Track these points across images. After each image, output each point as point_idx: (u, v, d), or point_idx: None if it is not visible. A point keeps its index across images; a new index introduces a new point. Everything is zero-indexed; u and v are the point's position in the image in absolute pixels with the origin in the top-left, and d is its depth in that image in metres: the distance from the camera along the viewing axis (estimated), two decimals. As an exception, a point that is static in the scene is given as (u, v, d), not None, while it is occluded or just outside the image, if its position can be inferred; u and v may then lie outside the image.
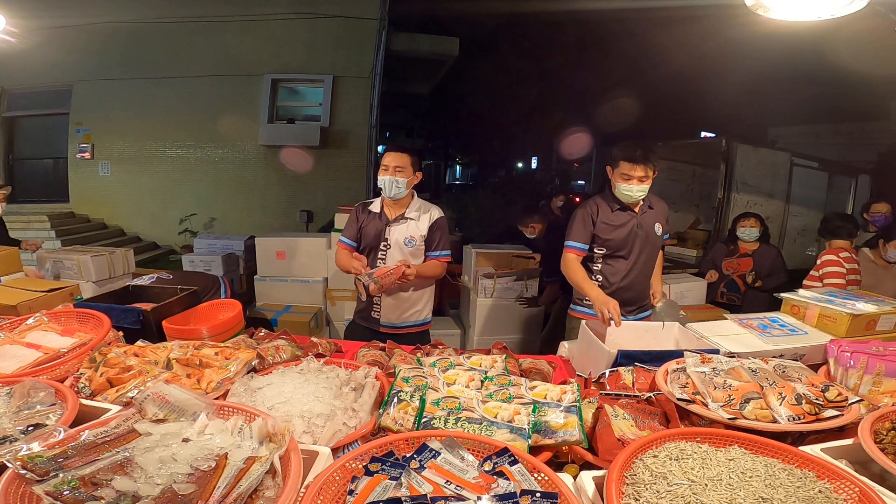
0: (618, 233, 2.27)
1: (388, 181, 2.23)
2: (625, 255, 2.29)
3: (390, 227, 2.31)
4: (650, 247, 2.32)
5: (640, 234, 2.28)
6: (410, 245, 2.31)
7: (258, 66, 7.79)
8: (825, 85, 7.37)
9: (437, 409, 1.13)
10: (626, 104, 10.04)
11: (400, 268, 2.14)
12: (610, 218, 2.28)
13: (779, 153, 6.38)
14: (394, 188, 2.23)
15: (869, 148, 7.78)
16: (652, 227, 2.31)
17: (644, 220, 2.29)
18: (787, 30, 2.22)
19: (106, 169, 8.13)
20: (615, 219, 2.28)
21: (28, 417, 1.03)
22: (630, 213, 2.29)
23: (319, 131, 7.67)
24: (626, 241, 2.27)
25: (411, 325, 2.41)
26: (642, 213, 2.30)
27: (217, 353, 1.44)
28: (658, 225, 2.32)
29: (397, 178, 2.23)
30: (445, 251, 2.36)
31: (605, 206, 2.30)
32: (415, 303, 2.40)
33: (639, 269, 2.32)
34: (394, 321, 2.37)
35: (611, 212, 2.29)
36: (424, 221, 2.34)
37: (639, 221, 2.28)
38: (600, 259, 2.33)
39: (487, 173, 16.70)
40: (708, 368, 1.30)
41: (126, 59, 7.74)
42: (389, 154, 2.26)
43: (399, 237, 2.31)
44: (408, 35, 8.30)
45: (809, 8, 1.59)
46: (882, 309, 1.79)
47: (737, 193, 5.80)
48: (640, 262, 2.31)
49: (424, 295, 2.44)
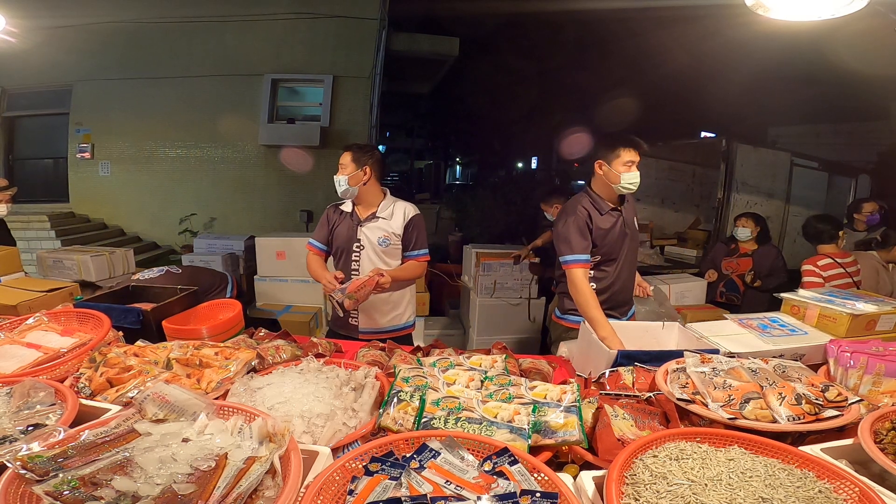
0: (610, 237, 2.14)
1: (339, 180, 2.19)
2: (616, 258, 2.17)
3: (362, 226, 2.23)
4: (634, 243, 2.25)
5: (627, 232, 2.19)
6: (385, 244, 2.23)
7: (258, 66, 7.78)
8: (825, 85, 7.37)
9: (437, 409, 1.13)
10: (626, 104, 10.04)
11: (373, 278, 2.04)
12: (601, 222, 2.12)
13: (779, 153, 6.38)
14: (339, 187, 2.19)
15: (869, 148, 7.78)
16: (632, 221, 2.23)
17: (626, 217, 2.19)
18: (787, 30, 2.22)
19: (106, 169, 8.13)
20: (605, 222, 2.13)
21: (28, 417, 1.03)
22: (616, 213, 2.16)
23: (319, 131, 7.66)
24: (617, 245, 2.15)
25: (392, 330, 2.30)
26: (624, 211, 2.19)
27: (217, 353, 1.44)
28: (634, 218, 2.27)
29: (338, 176, 2.18)
30: (423, 250, 2.27)
31: (595, 211, 2.12)
32: (395, 306, 2.30)
33: (628, 269, 2.24)
34: (373, 327, 2.27)
35: (601, 215, 2.12)
36: (398, 219, 2.24)
37: (623, 220, 2.17)
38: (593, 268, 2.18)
39: (487, 173, 16.68)
40: (708, 368, 1.30)
41: (126, 59, 7.73)
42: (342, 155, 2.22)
43: (372, 237, 2.22)
44: (408, 35, 8.30)
45: (809, 8, 1.59)
46: (882, 309, 1.79)
47: (737, 193, 5.79)
48: (629, 261, 2.24)
49: (405, 297, 2.34)
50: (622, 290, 2.24)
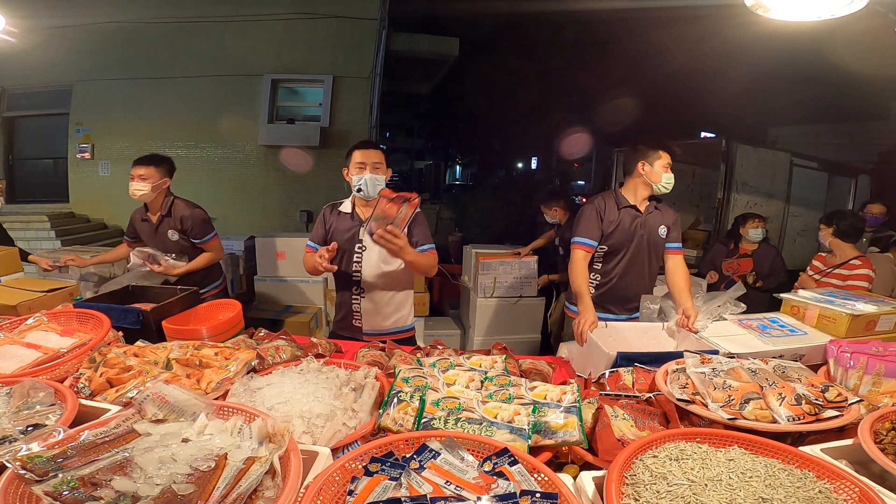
0: (619, 230, 2.26)
1: (370, 180, 2.09)
2: (624, 253, 2.28)
3: (364, 227, 2.15)
4: (652, 248, 2.30)
5: (642, 233, 2.27)
6: None
7: (258, 66, 7.78)
8: (825, 85, 7.37)
9: (436, 410, 1.13)
10: (626, 104, 10.05)
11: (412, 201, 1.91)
12: (615, 216, 2.27)
13: (779, 153, 6.38)
14: (375, 187, 2.09)
15: (869, 148, 7.78)
16: (656, 228, 2.29)
17: (648, 220, 2.28)
18: (787, 30, 2.21)
19: (106, 169, 8.13)
20: (618, 216, 2.27)
21: (28, 417, 1.03)
22: (635, 212, 2.28)
23: (319, 131, 7.66)
24: (626, 240, 2.27)
25: (396, 332, 2.27)
26: (647, 214, 2.29)
27: (217, 354, 1.44)
28: (663, 227, 2.30)
29: (377, 175, 2.10)
30: (430, 245, 2.21)
31: (612, 204, 2.29)
32: (398, 307, 2.27)
33: (637, 270, 2.29)
34: (377, 329, 2.23)
35: (616, 209, 2.27)
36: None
37: (642, 221, 2.27)
38: (601, 258, 2.33)
39: (487, 173, 16.69)
40: (708, 369, 1.30)
41: (126, 59, 7.73)
42: (363, 151, 2.12)
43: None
44: (408, 35, 8.30)
45: (809, 8, 1.59)
46: (882, 309, 1.79)
47: (737, 193, 5.80)
48: (640, 263, 2.29)
49: (408, 299, 2.32)
50: (624, 288, 2.29)
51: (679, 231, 2.35)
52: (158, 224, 2.77)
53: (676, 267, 2.26)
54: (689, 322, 1.84)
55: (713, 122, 10.50)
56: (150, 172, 2.65)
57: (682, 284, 2.14)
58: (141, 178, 2.64)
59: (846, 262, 2.88)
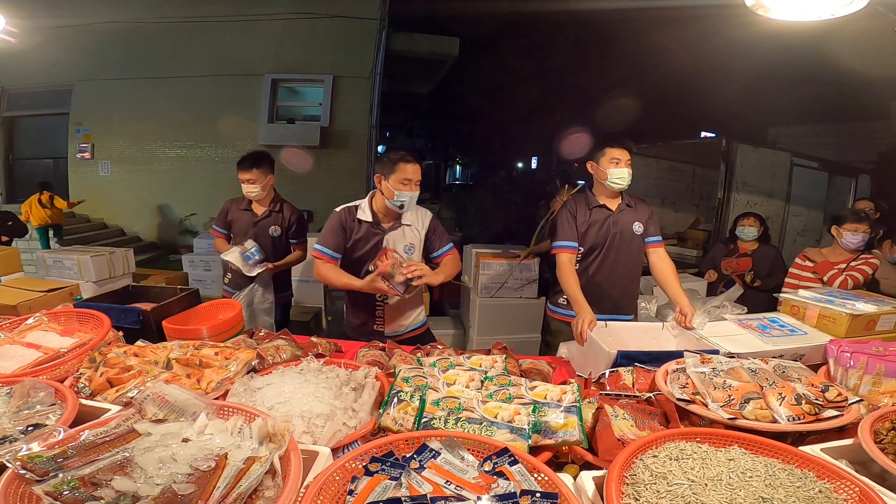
0: (592, 230, 2.26)
1: (412, 197, 2.04)
2: (599, 252, 2.27)
3: (387, 235, 2.14)
4: (628, 246, 2.28)
5: (615, 231, 2.25)
6: (410, 252, 2.17)
7: (258, 66, 7.79)
8: (825, 85, 7.37)
9: (437, 410, 1.13)
10: (626, 104, 10.05)
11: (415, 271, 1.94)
12: (586, 216, 2.27)
13: (779, 153, 6.37)
14: (408, 200, 2.05)
15: (869, 148, 7.78)
16: (629, 225, 2.27)
17: (620, 218, 2.26)
18: (787, 30, 2.22)
19: (106, 169, 8.14)
20: (589, 216, 2.27)
21: (28, 417, 1.03)
22: (606, 211, 2.27)
23: (319, 131, 7.67)
24: (600, 239, 2.26)
25: (415, 328, 2.32)
26: (619, 212, 2.27)
27: (217, 353, 1.44)
28: (637, 224, 2.28)
29: (412, 192, 2.04)
30: (449, 245, 2.26)
31: (583, 206, 2.30)
32: (414, 305, 2.31)
33: (614, 269, 2.28)
34: (399, 330, 2.26)
35: (587, 209, 2.28)
36: (420, 225, 2.22)
37: (615, 219, 2.26)
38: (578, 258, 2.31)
39: (487, 173, 16.71)
40: (708, 369, 1.30)
41: (126, 59, 7.74)
42: (414, 167, 2.03)
43: (398, 246, 2.14)
44: (408, 35, 8.30)
45: (809, 8, 1.59)
46: (882, 309, 1.79)
47: (737, 193, 5.79)
48: (616, 261, 2.27)
49: (421, 296, 2.38)
50: (605, 286, 2.27)
51: (656, 224, 2.32)
52: (263, 217, 2.88)
53: (661, 261, 2.24)
54: (686, 320, 1.85)
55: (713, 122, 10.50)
56: (255, 175, 2.77)
57: (672, 280, 2.12)
58: (249, 182, 2.77)
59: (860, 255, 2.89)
